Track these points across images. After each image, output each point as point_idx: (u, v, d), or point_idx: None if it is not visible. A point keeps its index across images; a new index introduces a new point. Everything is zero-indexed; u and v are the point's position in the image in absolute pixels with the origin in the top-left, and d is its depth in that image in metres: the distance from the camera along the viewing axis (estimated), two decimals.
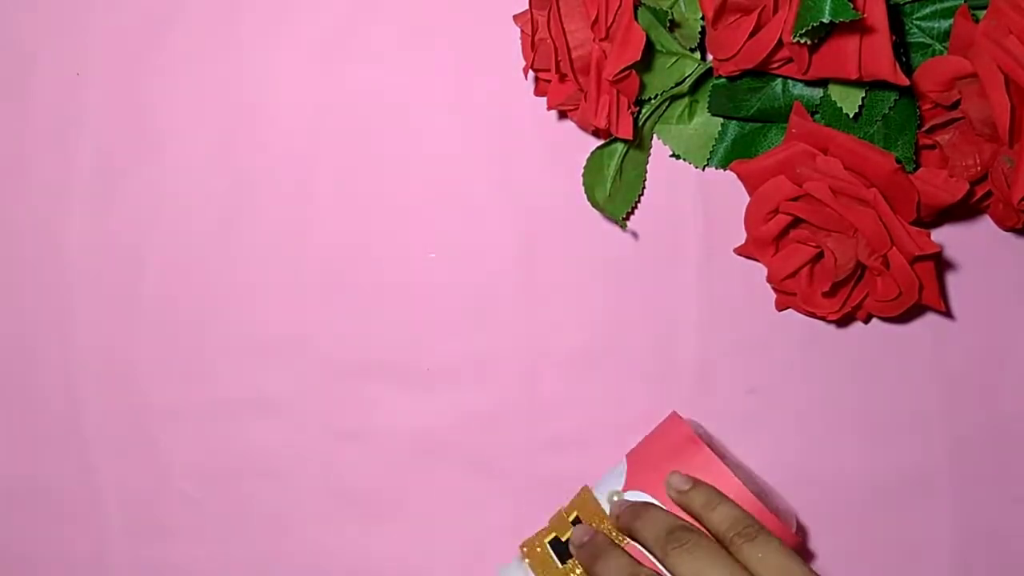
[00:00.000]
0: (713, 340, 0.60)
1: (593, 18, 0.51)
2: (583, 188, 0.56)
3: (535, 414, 0.60)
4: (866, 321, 0.60)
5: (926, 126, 0.52)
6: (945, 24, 0.51)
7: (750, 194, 0.55)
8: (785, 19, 0.47)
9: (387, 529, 0.61)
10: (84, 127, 0.60)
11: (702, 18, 0.51)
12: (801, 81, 0.52)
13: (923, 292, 0.54)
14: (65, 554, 0.61)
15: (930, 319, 0.60)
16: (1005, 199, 0.52)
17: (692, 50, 0.54)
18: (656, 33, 0.53)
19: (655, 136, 0.58)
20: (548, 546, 0.54)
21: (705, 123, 0.57)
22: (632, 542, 0.52)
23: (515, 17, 0.55)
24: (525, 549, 0.55)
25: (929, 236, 0.51)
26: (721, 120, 0.56)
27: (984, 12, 0.49)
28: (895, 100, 0.51)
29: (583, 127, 0.57)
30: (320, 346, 0.61)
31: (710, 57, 0.53)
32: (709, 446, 0.53)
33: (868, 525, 0.61)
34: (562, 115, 0.59)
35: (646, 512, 0.51)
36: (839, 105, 0.51)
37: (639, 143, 0.58)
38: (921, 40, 0.52)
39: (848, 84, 0.51)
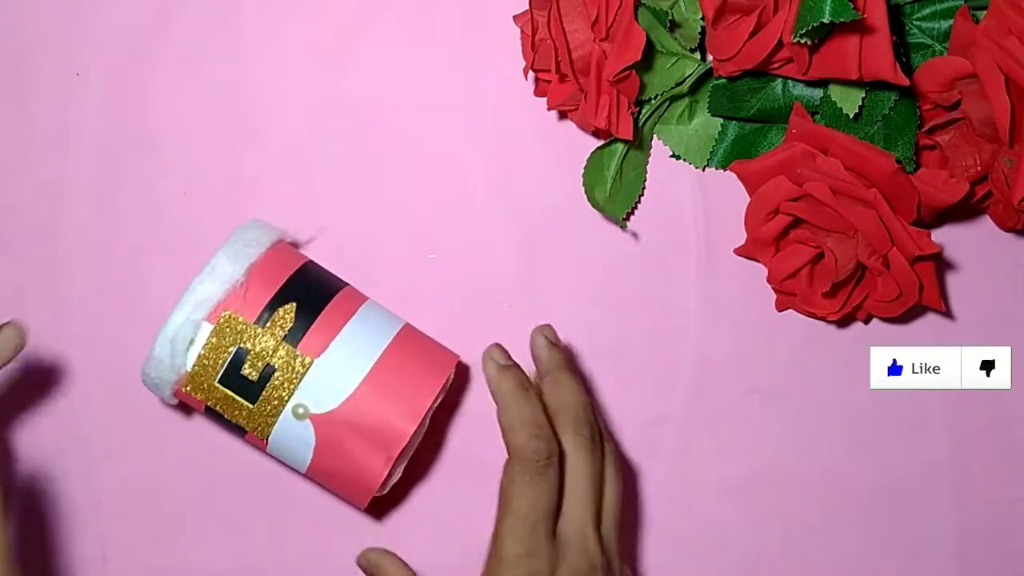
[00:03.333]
0: (713, 340, 0.60)
1: (593, 18, 0.51)
2: (583, 188, 0.56)
3: None
4: (866, 321, 0.60)
5: (926, 126, 0.52)
6: (945, 24, 0.51)
7: (750, 194, 0.55)
8: (785, 19, 0.47)
9: (387, 530, 0.61)
10: (84, 127, 0.60)
11: (702, 18, 0.51)
12: (801, 81, 0.52)
13: (923, 292, 0.54)
14: (65, 556, 0.61)
15: (930, 319, 0.60)
16: (1005, 199, 0.52)
17: (692, 50, 0.54)
18: (656, 33, 0.53)
19: (655, 136, 0.58)
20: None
21: (705, 123, 0.57)
22: None
23: (515, 17, 0.55)
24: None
25: (929, 236, 0.51)
26: (721, 120, 0.56)
27: (984, 12, 0.49)
28: (895, 100, 0.51)
29: (583, 127, 0.57)
30: None
31: (710, 57, 0.53)
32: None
33: (868, 526, 0.61)
34: (562, 115, 0.59)
35: (571, 384, 0.51)
36: (839, 105, 0.51)
37: (639, 143, 0.58)
38: (921, 40, 0.52)
39: (848, 84, 0.51)
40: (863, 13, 0.45)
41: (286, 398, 0.51)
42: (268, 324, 0.50)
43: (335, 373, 0.51)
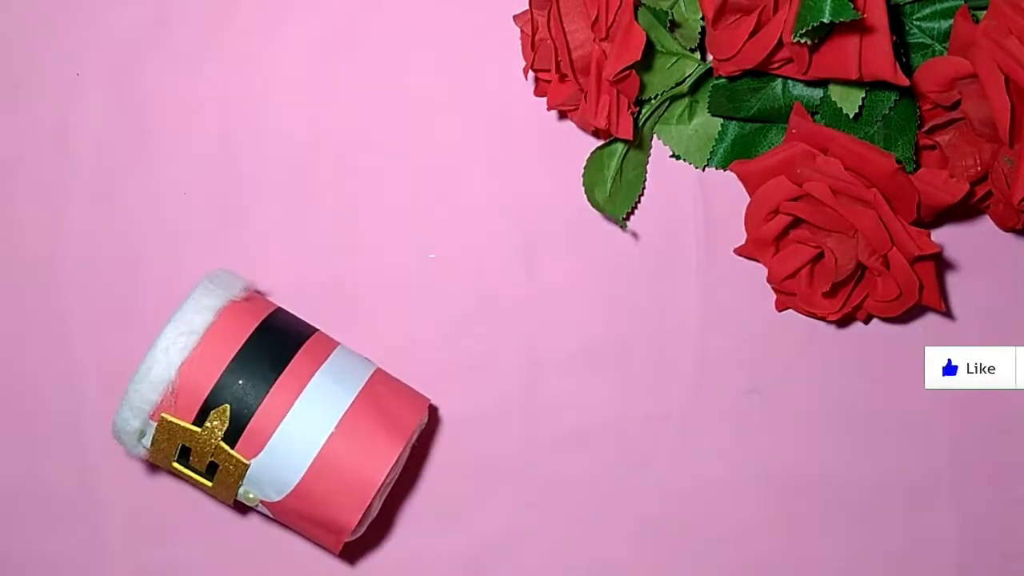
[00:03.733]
0: (713, 340, 0.60)
1: (593, 18, 0.51)
2: (583, 188, 0.56)
3: (535, 414, 0.60)
4: (866, 321, 0.60)
5: (926, 126, 0.52)
6: (945, 24, 0.51)
7: (750, 194, 0.54)
8: (785, 19, 0.47)
9: (386, 529, 0.61)
10: (84, 127, 0.60)
11: (702, 18, 0.51)
12: (801, 81, 0.52)
13: (923, 292, 0.54)
14: (64, 555, 0.61)
15: (930, 319, 0.60)
16: (1005, 199, 0.52)
17: (692, 50, 0.54)
18: (656, 33, 0.53)
19: (655, 136, 0.58)
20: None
21: (705, 123, 0.57)
22: None
23: (515, 17, 0.55)
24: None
25: (929, 236, 0.51)
26: (721, 120, 0.56)
27: (984, 12, 0.49)
28: (895, 100, 0.51)
29: (583, 127, 0.57)
30: None
31: (710, 57, 0.52)
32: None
33: (868, 526, 0.61)
34: (562, 115, 0.59)
35: None
36: (839, 105, 0.51)
37: (639, 143, 0.58)
38: (921, 40, 0.52)
39: (848, 84, 0.51)
40: (863, 13, 0.45)
41: (234, 488, 0.52)
42: (205, 425, 0.51)
43: (276, 470, 0.51)
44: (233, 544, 0.61)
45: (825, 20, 0.44)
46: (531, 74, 0.56)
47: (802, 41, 0.46)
